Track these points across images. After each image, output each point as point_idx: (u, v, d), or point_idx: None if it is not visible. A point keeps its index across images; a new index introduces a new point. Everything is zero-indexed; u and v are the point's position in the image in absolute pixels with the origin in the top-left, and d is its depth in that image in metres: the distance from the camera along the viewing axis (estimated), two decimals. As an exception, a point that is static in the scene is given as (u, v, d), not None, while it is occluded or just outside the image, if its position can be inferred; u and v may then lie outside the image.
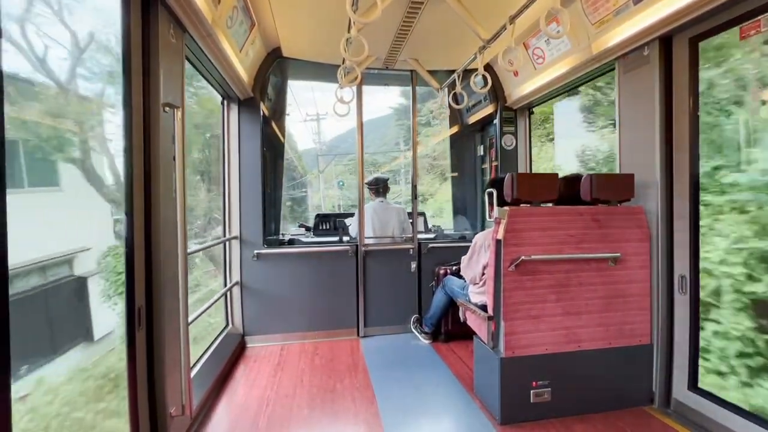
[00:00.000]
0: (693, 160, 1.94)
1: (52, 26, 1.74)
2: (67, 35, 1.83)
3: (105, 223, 2.14)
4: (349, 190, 18.96)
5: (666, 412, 2.02)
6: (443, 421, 2.02)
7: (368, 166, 18.67)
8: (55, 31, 1.76)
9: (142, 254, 1.56)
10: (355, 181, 3.64)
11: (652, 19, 1.88)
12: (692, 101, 1.93)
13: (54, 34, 1.73)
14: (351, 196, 18.59)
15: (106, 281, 2.14)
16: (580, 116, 5.33)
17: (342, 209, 14.91)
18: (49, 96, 1.80)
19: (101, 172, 2.06)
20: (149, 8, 1.56)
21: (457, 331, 3.05)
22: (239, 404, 2.19)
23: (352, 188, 17.84)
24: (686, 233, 1.96)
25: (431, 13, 2.41)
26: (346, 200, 18.80)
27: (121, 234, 1.54)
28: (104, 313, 2.13)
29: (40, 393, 1.60)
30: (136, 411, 1.51)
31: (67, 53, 1.86)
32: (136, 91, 1.53)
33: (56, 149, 1.89)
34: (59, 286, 1.91)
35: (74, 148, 1.99)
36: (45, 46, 1.65)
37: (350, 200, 18.24)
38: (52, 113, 1.80)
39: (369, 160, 19.46)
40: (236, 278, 3.05)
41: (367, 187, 3.50)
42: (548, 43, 2.64)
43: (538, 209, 2.00)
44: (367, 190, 3.51)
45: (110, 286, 2.13)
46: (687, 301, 1.96)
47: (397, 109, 21.62)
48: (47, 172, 1.88)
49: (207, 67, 2.30)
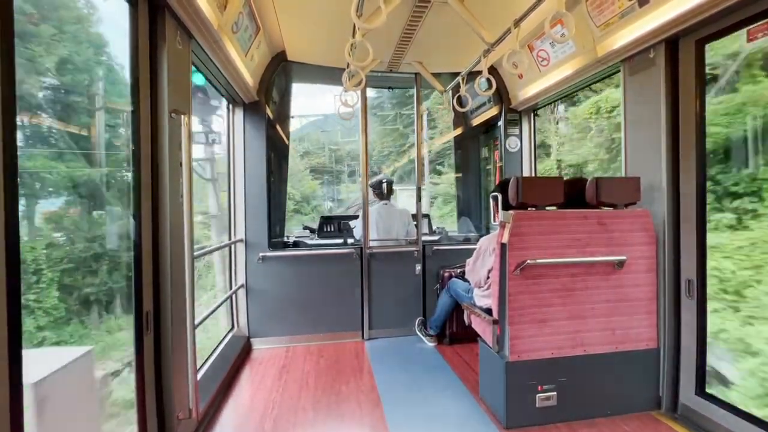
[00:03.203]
0: (700, 163, 1.92)
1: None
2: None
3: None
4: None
5: (673, 416, 2.01)
6: (448, 425, 2.02)
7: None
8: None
9: (150, 259, 1.58)
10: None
11: (658, 22, 1.87)
12: (699, 103, 1.92)
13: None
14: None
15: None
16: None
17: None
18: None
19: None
20: (156, 16, 1.58)
21: (461, 334, 3.05)
22: (245, 407, 2.21)
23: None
24: (693, 236, 1.94)
25: (435, 17, 2.41)
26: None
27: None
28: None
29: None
30: (144, 415, 1.53)
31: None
32: (144, 97, 1.55)
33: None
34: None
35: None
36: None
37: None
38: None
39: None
40: (241, 281, 3.07)
41: (371, 189, 3.51)
42: (553, 46, 2.63)
43: (543, 213, 1.99)
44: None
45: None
46: (694, 305, 1.95)
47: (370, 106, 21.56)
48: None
49: (213, 72, 2.32)
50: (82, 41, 2.11)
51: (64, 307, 1.92)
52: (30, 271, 1.76)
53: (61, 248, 1.94)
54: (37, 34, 1.74)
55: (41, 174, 1.83)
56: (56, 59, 1.88)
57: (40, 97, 1.82)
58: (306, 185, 17.25)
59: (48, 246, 1.87)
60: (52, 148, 1.85)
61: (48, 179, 1.87)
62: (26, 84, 1.65)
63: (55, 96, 1.95)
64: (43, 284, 1.81)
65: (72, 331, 1.99)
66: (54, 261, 1.87)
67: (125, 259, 1.73)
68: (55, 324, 1.89)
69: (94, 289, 2.02)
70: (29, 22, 1.68)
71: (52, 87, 1.88)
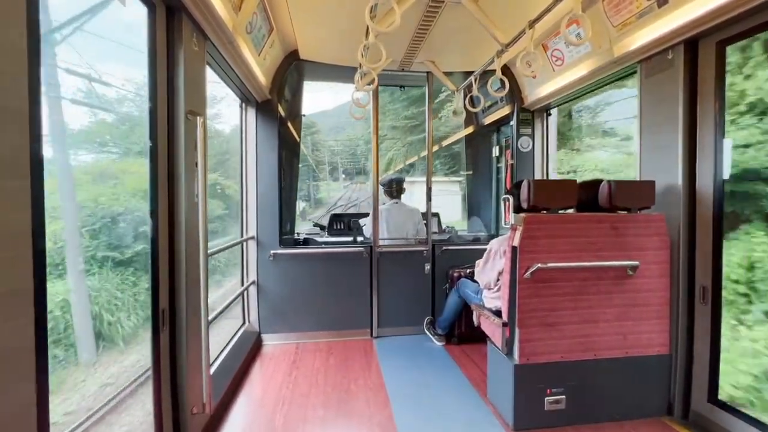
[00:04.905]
0: (718, 167, 1.88)
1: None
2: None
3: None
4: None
5: (684, 423, 1.99)
6: (456, 425, 2.03)
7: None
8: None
9: (166, 256, 1.61)
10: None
11: (678, 22, 1.83)
12: (718, 106, 1.88)
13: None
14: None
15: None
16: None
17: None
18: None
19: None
20: (173, 18, 1.60)
21: (469, 334, 3.05)
22: (256, 402, 2.25)
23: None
24: (709, 242, 1.91)
25: (448, 17, 2.39)
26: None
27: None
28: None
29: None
30: (159, 409, 1.57)
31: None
32: (162, 98, 1.58)
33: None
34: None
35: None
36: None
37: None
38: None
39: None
40: (253, 278, 3.11)
41: (382, 188, 3.52)
42: (567, 45, 2.59)
43: (555, 216, 1.97)
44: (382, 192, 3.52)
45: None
46: (708, 312, 1.92)
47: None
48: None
49: (227, 72, 2.35)
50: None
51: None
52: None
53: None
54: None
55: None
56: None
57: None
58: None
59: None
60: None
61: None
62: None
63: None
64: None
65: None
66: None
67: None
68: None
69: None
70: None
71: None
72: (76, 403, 2.38)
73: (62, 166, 2.76)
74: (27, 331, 0.86)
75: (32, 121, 0.87)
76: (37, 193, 0.89)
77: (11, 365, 0.82)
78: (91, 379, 2.64)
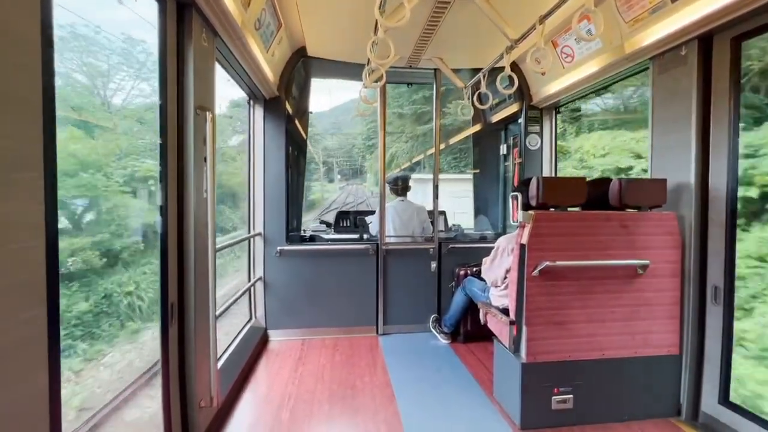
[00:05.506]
0: (732, 166, 1.85)
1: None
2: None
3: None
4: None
5: (694, 425, 1.96)
6: (462, 423, 2.03)
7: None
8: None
9: (175, 252, 1.62)
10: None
11: (691, 18, 1.80)
12: (733, 104, 1.84)
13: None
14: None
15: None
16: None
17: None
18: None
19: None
20: (183, 14, 1.61)
21: (476, 332, 3.04)
22: (262, 397, 2.26)
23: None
24: (721, 242, 1.88)
25: (457, 13, 2.37)
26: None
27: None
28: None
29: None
30: (168, 402, 1.59)
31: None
32: (171, 94, 1.59)
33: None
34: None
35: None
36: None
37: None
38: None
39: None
40: (259, 274, 3.13)
41: (388, 185, 3.51)
42: (578, 42, 2.56)
43: (564, 214, 1.96)
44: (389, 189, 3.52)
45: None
46: (720, 312, 1.89)
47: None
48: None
49: (235, 68, 2.35)
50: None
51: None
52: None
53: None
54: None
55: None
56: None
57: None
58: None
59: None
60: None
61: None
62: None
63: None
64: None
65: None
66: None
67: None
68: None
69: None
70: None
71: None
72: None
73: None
74: (40, 322, 0.87)
75: (45, 113, 0.88)
76: (50, 185, 0.89)
77: (24, 356, 0.83)
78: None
